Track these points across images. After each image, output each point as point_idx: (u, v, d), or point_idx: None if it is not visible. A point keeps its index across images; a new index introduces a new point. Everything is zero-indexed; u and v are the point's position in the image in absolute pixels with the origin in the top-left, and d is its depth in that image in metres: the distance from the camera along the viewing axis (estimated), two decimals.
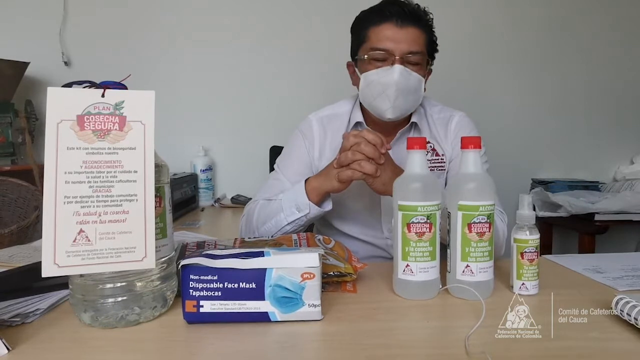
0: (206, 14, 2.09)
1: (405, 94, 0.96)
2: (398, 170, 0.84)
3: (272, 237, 0.90)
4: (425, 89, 1.03)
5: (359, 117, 1.08)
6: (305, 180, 0.95)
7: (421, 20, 0.98)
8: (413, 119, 1.06)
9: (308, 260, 0.58)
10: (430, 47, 1.02)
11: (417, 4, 1.00)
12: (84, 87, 0.56)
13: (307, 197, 0.92)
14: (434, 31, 1.02)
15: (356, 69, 1.03)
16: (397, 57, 0.95)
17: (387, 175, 0.86)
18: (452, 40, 2.15)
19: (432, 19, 1.01)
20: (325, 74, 2.07)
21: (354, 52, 1.04)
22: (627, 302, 0.56)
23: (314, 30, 2.09)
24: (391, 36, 0.95)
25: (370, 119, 1.07)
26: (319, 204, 0.94)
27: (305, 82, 2.12)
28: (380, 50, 0.96)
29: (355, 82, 1.05)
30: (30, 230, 1.55)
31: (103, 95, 0.56)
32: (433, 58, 1.05)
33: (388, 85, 0.95)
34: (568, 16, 2.22)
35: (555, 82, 2.24)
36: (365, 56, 0.98)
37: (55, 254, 0.52)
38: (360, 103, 1.08)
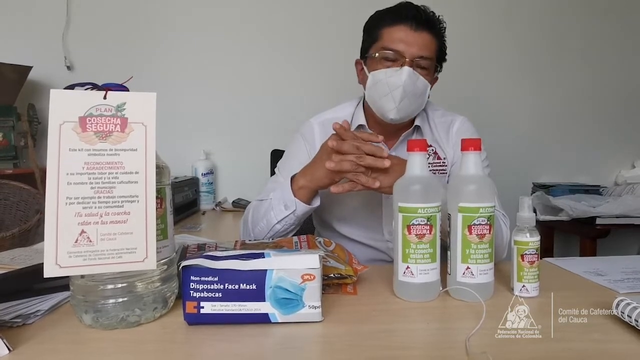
0: (208, 18, 2.10)
1: (411, 97, 0.97)
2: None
3: (272, 239, 0.90)
4: (429, 95, 1.03)
5: (361, 119, 1.08)
6: (292, 177, 0.94)
7: (435, 27, 0.99)
8: (417, 123, 1.06)
9: (308, 261, 0.58)
10: (440, 55, 1.03)
11: (432, 11, 1.01)
12: (86, 89, 0.57)
13: (293, 195, 0.92)
14: (445, 40, 1.03)
15: (365, 67, 1.04)
16: (407, 60, 0.95)
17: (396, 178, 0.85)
18: (453, 43, 2.16)
19: (445, 27, 1.02)
20: (327, 78, 2.08)
21: (365, 50, 1.05)
22: (628, 304, 0.56)
23: (317, 33, 2.11)
24: (404, 38, 0.96)
25: (373, 121, 1.07)
26: (309, 201, 0.93)
27: (307, 86, 2.13)
28: (391, 50, 0.97)
29: (362, 80, 1.05)
30: (31, 234, 1.55)
31: (105, 97, 0.56)
32: (441, 66, 1.06)
33: (395, 86, 0.95)
34: (570, 19, 2.23)
35: (557, 85, 2.25)
36: (377, 54, 0.99)
37: (57, 254, 0.53)
38: (363, 106, 1.09)
